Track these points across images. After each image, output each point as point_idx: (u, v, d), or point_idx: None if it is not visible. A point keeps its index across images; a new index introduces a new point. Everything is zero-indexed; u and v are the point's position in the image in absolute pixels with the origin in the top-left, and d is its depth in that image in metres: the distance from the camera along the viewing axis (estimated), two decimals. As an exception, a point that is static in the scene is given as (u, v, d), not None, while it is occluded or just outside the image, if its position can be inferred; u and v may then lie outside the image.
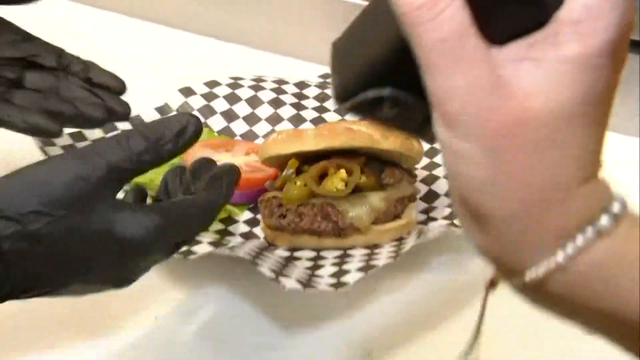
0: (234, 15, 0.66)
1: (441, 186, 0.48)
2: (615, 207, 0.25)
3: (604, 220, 0.25)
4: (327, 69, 0.62)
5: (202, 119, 0.54)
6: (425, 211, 0.46)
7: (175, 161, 0.50)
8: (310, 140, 0.45)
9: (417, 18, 0.24)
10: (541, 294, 0.27)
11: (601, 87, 0.25)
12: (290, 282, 0.39)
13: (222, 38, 0.66)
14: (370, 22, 0.28)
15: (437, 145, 0.50)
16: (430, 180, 0.48)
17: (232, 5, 0.66)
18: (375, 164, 0.46)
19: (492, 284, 0.29)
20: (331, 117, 0.54)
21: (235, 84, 0.55)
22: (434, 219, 0.45)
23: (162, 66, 0.65)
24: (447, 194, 0.48)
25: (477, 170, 0.25)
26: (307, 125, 0.53)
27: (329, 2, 0.62)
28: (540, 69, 0.25)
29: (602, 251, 0.25)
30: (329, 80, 0.57)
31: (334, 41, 0.29)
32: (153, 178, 0.49)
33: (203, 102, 0.54)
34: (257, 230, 0.46)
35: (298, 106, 0.54)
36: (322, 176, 0.45)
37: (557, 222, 0.26)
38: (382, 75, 0.27)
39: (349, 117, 0.33)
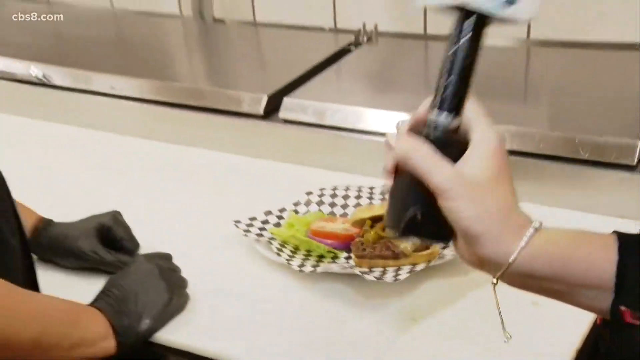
0: (328, 157, 0.85)
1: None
2: (536, 220, 0.37)
3: (536, 224, 0.37)
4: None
5: (318, 207, 0.74)
6: (443, 247, 0.65)
7: (303, 228, 0.71)
8: (377, 209, 0.68)
9: (427, 165, 0.37)
10: (513, 275, 0.37)
11: (503, 165, 0.38)
12: (369, 277, 0.61)
13: (327, 168, 0.85)
14: (400, 193, 0.40)
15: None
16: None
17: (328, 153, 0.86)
18: (414, 221, 0.68)
19: (494, 283, 0.38)
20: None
21: (334, 188, 0.77)
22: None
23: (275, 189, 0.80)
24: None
25: (467, 213, 0.37)
26: (375, 209, 0.74)
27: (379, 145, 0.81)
28: (474, 164, 0.37)
29: (537, 241, 0.36)
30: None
31: (385, 212, 0.41)
32: (294, 234, 0.68)
33: (318, 198, 0.75)
34: (350, 261, 0.66)
35: (370, 198, 0.75)
36: (384, 228, 0.65)
37: (512, 229, 0.37)
38: (412, 202, 0.38)
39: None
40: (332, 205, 0.76)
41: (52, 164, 0.94)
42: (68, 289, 0.61)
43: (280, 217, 0.74)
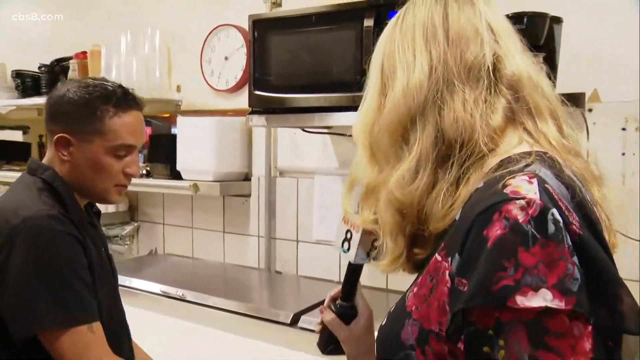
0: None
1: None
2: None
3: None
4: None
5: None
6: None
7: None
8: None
9: (336, 327, 0.62)
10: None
11: (371, 324, 0.60)
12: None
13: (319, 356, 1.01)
14: (324, 337, 0.64)
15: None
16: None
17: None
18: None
19: None
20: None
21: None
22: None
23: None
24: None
25: (351, 351, 0.61)
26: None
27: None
28: (358, 327, 0.60)
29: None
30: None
31: (317, 343, 0.65)
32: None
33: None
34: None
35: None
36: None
37: (368, 357, 0.61)
38: (329, 342, 0.65)
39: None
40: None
41: (176, 337, 1.29)
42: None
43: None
